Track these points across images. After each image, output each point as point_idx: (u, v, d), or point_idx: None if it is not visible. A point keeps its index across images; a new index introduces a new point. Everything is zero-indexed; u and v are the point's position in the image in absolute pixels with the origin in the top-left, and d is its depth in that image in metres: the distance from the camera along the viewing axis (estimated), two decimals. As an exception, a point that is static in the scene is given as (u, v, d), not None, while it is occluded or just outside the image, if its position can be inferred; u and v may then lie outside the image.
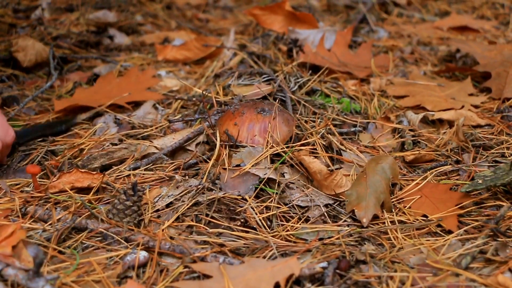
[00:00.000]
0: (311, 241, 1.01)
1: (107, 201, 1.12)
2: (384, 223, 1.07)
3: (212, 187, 1.13)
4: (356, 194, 1.10)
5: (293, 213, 1.09)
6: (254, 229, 1.05)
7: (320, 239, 1.02)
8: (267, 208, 1.09)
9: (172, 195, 1.12)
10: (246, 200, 1.10)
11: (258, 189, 1.12)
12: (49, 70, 1.66)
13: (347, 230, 1.05)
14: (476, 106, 1.48)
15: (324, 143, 1.26)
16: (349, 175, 1.18)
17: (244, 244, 1.01)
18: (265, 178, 1.13)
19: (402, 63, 1.81)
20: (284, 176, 1.14)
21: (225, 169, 1.15)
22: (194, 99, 1.45)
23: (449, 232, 1.04)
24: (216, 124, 1.27)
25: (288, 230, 1.05)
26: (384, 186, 1.11)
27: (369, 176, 1.13)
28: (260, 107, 1.24)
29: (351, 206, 1.09)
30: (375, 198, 1.09)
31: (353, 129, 1.36)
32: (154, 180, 1.18)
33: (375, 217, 1.07)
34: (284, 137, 1.22)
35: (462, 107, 1.45)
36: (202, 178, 1.14)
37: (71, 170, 1.17)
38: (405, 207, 1.11)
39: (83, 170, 1.17)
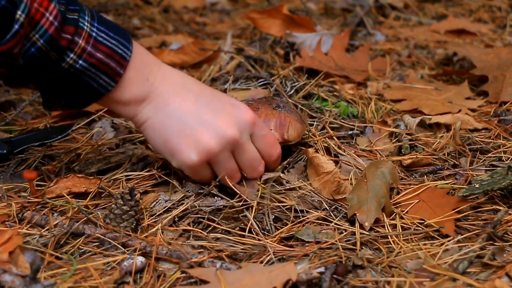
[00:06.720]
0: (309, 246, 1.01)
1: (104, 206, 1.12)
2: (383, 227, 1.07)
3: (214, 193, 1.12)
4: (357, 199, 1.10)
5: (292, 216, 1.09)
6: (251, 233, 1.05)
7: (318, 242, 1.02)
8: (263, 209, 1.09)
9: (169, 200, 1.12)
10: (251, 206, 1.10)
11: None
12: (46, 74, 1.66)
13: (344, 234, 1.04)
14: (473, 110, 1.48)
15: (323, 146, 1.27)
16: (348, 179, 1.18)
17: (242, 249, 1.01)
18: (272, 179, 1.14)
19: (399, 66, 1.81)
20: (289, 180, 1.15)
21: None
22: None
23: (446, 236, 1.04)
24: None
25: (286, 233, 1.05)
26: (384, 190, 1.11)
27: (370, 180, 1.12)
28: (274, 104, 1.24)
29: (352, 210, 1.08)
30: (376, 202, 1.09)
31: (350, 132, 1.36)
32: (152, 184, 1.18)
33: (375, 221, 1.07)
34: (299, 134, 1.22)
35: (459, 111, 1.45)
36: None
37: (68, 175, 1.17)
38: (402, 211, 1.11)
39: (80, 175, 1.17)
